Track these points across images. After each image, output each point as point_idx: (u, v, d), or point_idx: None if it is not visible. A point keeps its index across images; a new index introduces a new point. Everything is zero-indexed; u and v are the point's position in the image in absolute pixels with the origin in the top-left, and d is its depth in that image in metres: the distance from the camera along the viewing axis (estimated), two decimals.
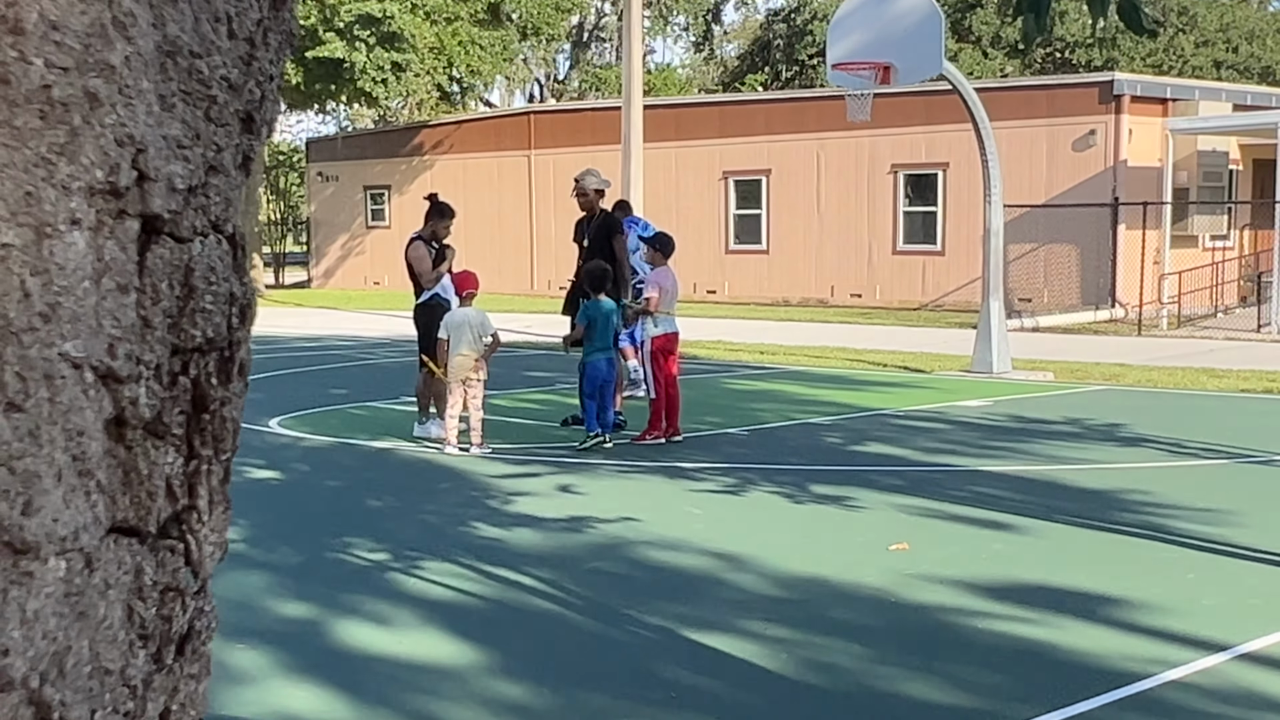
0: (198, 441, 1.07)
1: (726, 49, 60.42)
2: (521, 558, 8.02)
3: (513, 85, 53.76)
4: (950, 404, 14.97)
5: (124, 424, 1.00)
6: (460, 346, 11.81)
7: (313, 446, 12.30)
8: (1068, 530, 8.72)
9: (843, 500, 9.64)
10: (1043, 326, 24.99)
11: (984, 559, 7.96)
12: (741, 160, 32.69)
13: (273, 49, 1.09)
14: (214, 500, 1.10)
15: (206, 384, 1.06)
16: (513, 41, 41.28)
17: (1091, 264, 27.33)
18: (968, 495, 9.82)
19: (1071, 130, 27.74)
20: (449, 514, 9.32)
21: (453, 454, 11.73)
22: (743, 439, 12.73)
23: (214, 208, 1.04)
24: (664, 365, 12.42)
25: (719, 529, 8.77)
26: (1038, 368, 18.28)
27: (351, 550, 8.22)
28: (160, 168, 0.97)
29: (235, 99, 1.05)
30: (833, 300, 31.27)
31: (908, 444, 12.23)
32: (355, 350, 21.79)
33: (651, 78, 49.72)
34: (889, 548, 8.19)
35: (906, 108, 28.51)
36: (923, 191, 30.26)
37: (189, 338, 1.03)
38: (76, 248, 0.92)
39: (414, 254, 12.78)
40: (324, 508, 9.63)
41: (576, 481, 10.47)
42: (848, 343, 22.11)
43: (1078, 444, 12.19)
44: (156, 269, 1.00)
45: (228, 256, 1.06)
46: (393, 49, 36.82)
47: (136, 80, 0.94)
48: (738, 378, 17.82)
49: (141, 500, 1.03)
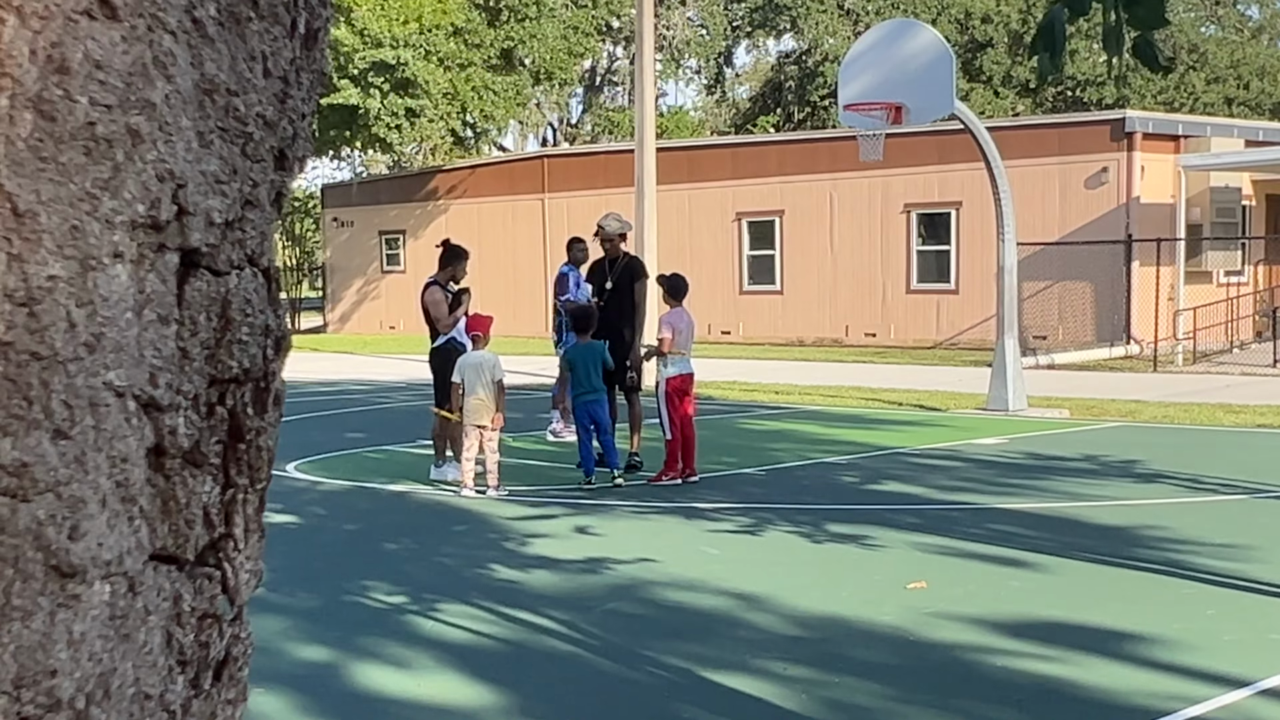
0: (234, 470, 1.10)
1: (738, 91, 60.67)
2: (539, 599, 8.01)
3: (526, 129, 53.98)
4: (966, 442, 14.95)
5: (163, 453, 1.02)
6: (475, 389, 11.84)
7: (330, 490, 12.32)
8: (1086, 567, 8.69)
9: (860, 539, 9.62)
10: (1058, 364, 24.97)
11: (1002, 596, 7.94)
12: (755, 201, 32.77)
13: (305, 88, 1.12)
14: (249, 528, 1.13)
15: (243, 414, 1.08)
16: (526, 86, 41.52)
17: (1106, 301, 27.32)
18: (985, 533, 9.80)
19: (1084, 168, 27.78)
20: (466, 556, 9.32)
21: (469, 496, 11.74)
22: (759, 479, 12.72)
23: (250, 242, 1.07)
24: (679, 406, 12.43)
25: (736, 569, 8.76)
26: (1053, 405, 18.25)
27: (369, 593, 8.22)
28: (199, 202, 1.00)
29: (270, 136, 1.08)
30: (847, 340, 31.28)
31: (924, 482, 12.21)
32: (371, 394, 21.83)
33: (664, 120, 49.93)
34: (907, 586, 8.17)
35: (919, 147, 28.59)
36: (936, 230, 30.30)
37: (226, 368, 1.06)
38: (119, 280, 0.94)
39: (430, 298, 12.86)
40: (342, 551, 9.64)
41: (593, 523, 10.47)
42: (863, 382, 22.10)
43: (1095, 481, 12.16)
44: (195, 301, 1.02)
45: (263, 289, 1.09)
46: (407, 95, 37.07)
47: (176, 117, 0.97)
48: (753, 418, 17.82)
49: (180, 528, 1.05)
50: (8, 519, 0.87)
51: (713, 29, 53.26)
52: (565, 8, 42.15)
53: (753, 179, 32.78)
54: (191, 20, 0.98)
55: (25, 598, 0.88)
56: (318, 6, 1.15)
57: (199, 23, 0.99)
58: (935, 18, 46.54)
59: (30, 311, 0.88)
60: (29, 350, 0.88)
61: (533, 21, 40.27)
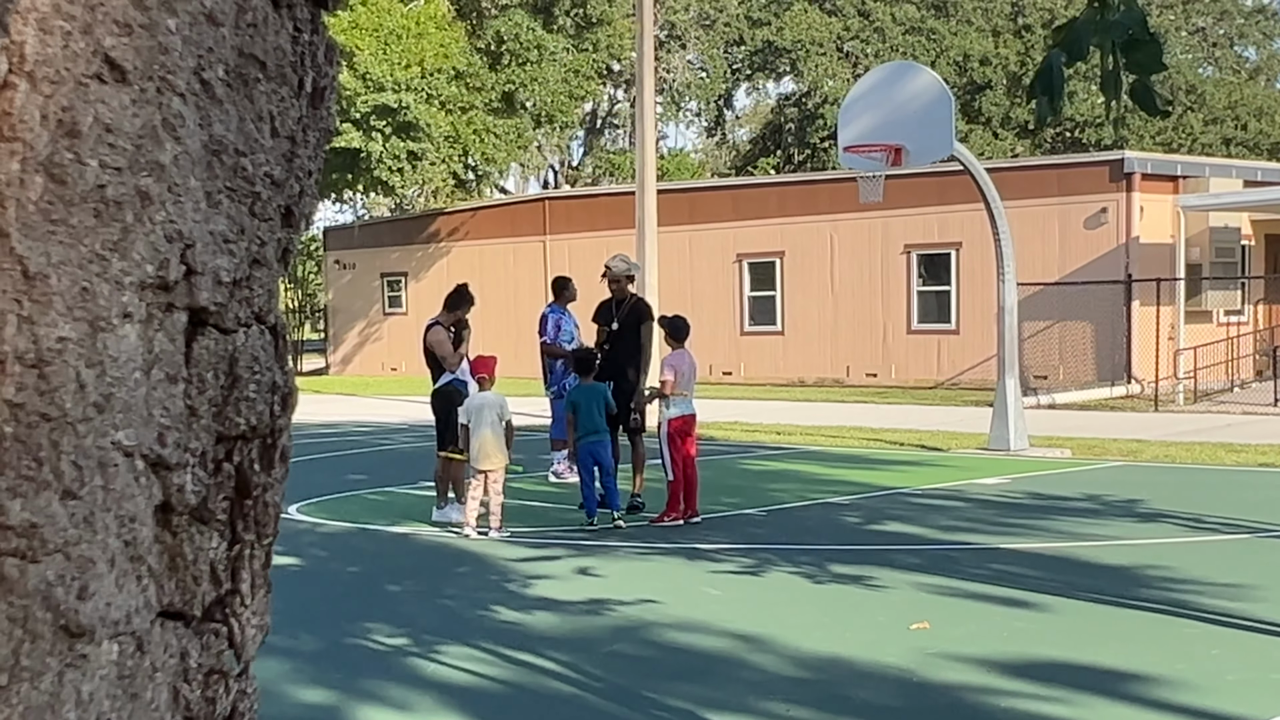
0: (240, 526, 1.10)
1: (739, 133, 60.91)
2: (541, 641, 7.99)
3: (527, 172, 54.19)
4: (968, 482, 14.93)
5: (171, 510, 1.03)
6: (482, 429, 11.84)
7: (331, 532, 12.30)
8: (1089, 607, 8.66)
9: (862, 580, 9.60)
10: (1059, 403, 24.96)
11: (1005, 637, 7.92)
12: (755, 242, 32.84)
13: (312, 145, 1.13)
14: (256, 584, 1.13)
15: (250, 470, 1.09)
16: (527, 129, 41.67)
17: (1106, 340, 27.33)
18: (987, 573, 9.77)
19: (1083, 209, 27.85)
20: (468, 598, 9.30)
21: (471, 538, 11.72)
22: (761, 519, 12.69)
23: (257, 299, 1.07)
24: (681, 447, 12.43)
25: (739, 610, 8.73)
26: (1055, 444, 18.23)
27: (371, 635, 8.20)
28: (207, 262, 1.01)
29: (277, 194, 1.08)
30: (848, 380, 31.28)
31: (926, 522, 12.19)
32: (373, 436, 21.82)
33: (664, 162, 50.11)
34: (910, 627, 8.15)
35: (919, 189, 28.68)
36: (936, 271, 30.35)
37: (233, 425, 1.06)
38: (128, 340, 0.95)
39: (434, 338, 12.90)
40: (343, 593, 9.62)
41: (595, 564, 10.44)
42: (864, 422, 22.09)
43: (1097, 520, 12.13)
44: (203, 359, 1.03)
45: (270, 346, 1.10)
46: (408, 138, 37.21)
47: (185, 179, 0.98)
48: (755, 458, 17.80)
49: (187, 585, 1.05)
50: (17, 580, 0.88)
51: (713, 72, 53.51)
52: (566, 51, 42.35)
53: (753, 220, 32.86)
54: (200, 82, 0.99)
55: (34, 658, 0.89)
56: (324, 65, 1.16)
57: (207, 85, 1.00)
58: (934, 60, 46.76)
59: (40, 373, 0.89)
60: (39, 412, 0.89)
61: (534, 65, 40.46)
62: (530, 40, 40.38)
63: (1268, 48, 54.51)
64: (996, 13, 49.81)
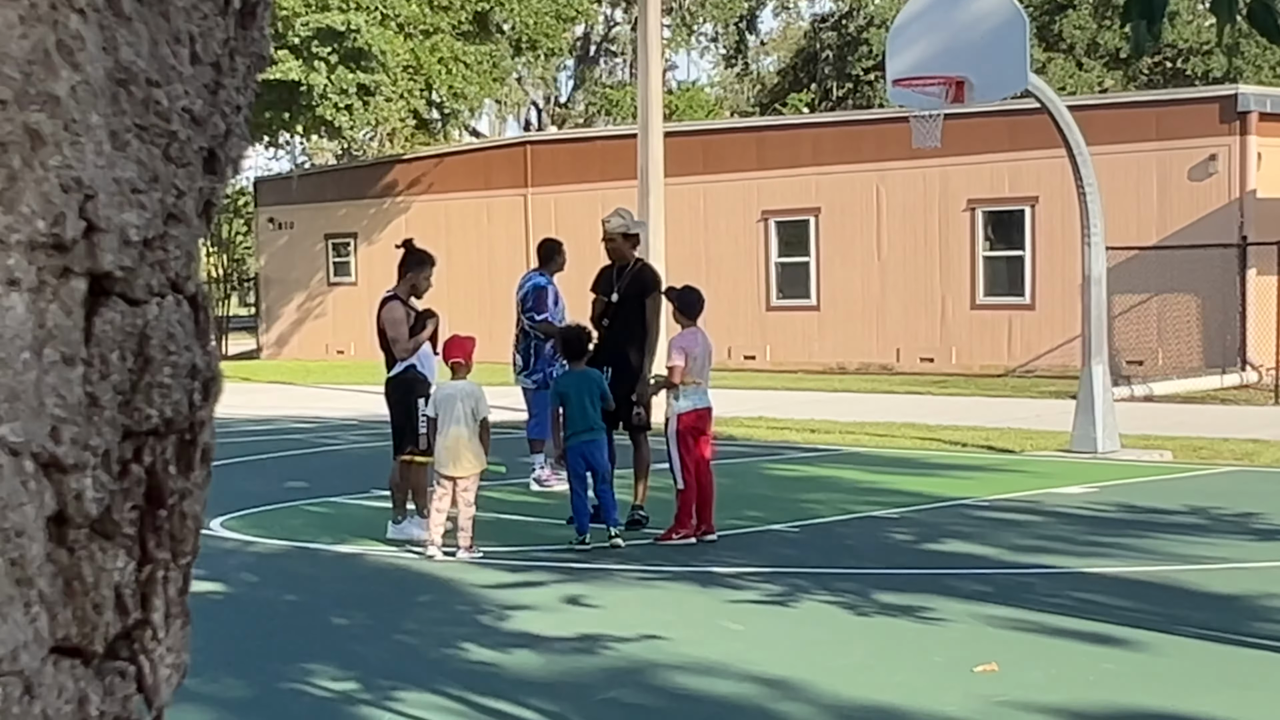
0: (152, 543, 1.10)
1: (764, 63, 60.85)
2: (521, 686, 8.00)
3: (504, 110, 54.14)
4: (1045, 491, 14.93)
5: (66, 522, 1.03)
6: (451, 426, 11.82)
7: (264, 552, 12.30)
8: (1195, 645, 8.67)
9: (915, 611, 9.61)
10: (1157, 395, 24.96)
11: (1091, 681, 7.92)
12: (785, 197, 32.82)
13: (241, 75, 1.13)
14: (171, 613, 1.13)
15: (163, 473, 1.09)
16: (504, 58, 41.60)
17: (1215, 318, 27.32)
18: (1069, 603, 9.78)
19: (1187, 155, 27.82)
20: (431, 633, 9.31)
21: (436, 559, 11.73)
22: (791, 537, 12.70)
23: (173, 263, 1.07)
24: (694, 448, 12.42)
25: (763, 648, 8.74)
26: (1152, 445, 18.23)
27: (311, 679, 8.21)
28: (112, 217, 1.00)
29: (199, 134, 1.08)
30: (899, 366, 31.29)
31: (994, 541, 12.19)
32: (316, 434, 21.83)
33: (673, 98, 50.08)
34: (974, 669, 8.16)
35: (985, 131, 28.64)
36: (1007, 232, 30.31)
37: (144, 418, 1.06)
38: (15, 313, 0.95)
39: (390, 316, 12.82)
40: (278, 626, 9.63)
41: (588, 591, 10.46)
42: (918, 417, 22.10)
43: (1204, 538, 12.14)
44: (106, 337, 1.03)
45: (189, 321, 1.09)
46: (359, 69, 37.16)
47: (85, 114, 0.98)
48: (783, 462, 17.80)
49: (86, 614, 1.05)
50: None
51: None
52: None
53: (782, 170, 32.83)
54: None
55: None
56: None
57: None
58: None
59: None
60: None
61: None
62: None
63: None
64: None
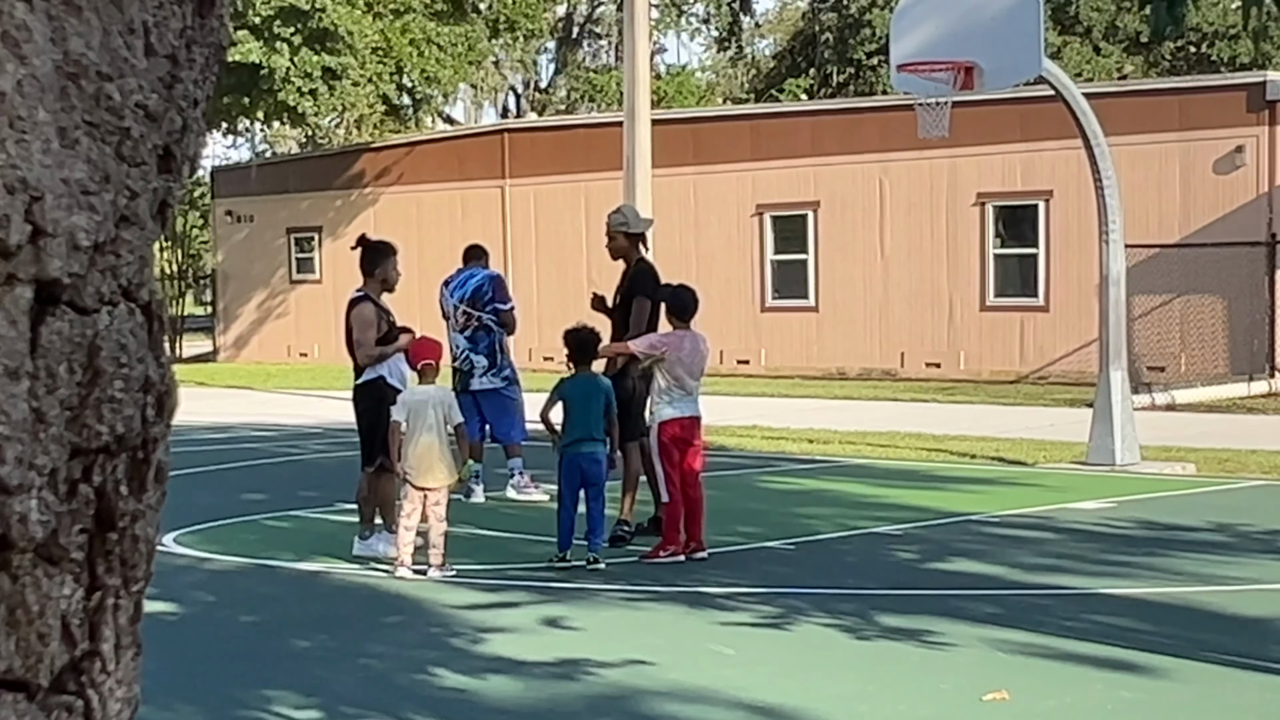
0: (102, 568, 1.10)
1: (760, 46, 60.90)
2: (497, 715, 7.99)
3: (481, 95, 54.14)
4: (1060, 506, 14.95)
5: (10, 547, 1.03)
6: (423, 434, 11.81)
7: (220, 569, 12.29)
8: (1219, 671, 8.68)
9: (920, 635, 9.61)
10: (1180, 403, 25.00)
11: (1109, 710, 7.94)
12: (781, 190, 32.84)
13: (199, 67, 1.13)
14: (122, 643, 1.13)
15: (114, 494, 1.09)
16: (481, 40, 41.59)
17: (1242, 321, 27.36)
18: (1085, 626, 9.79)
19: (1212, 147, 27.86)
20: (400, 657, 9.30)
21: (405, 578, 11.72)
22: (787, 555, 12.70)
23: (125, 269, 1.07)
24: (680, 459, 12.42)
25: (757, 674, 8.74)
26: (1174, 458, 18.26)
27: (271, 706, 8.20)
28: (60, 220, 1.01)
29: (153, 131, 1.08)
30: (903, 371, 31.31)
31: (1005, 559, 12.20)
32: (276, 443, 21.80)
33: (662, 84, 50.11)
34: (983, 698, 8.17)
35: (996, 120, 28.68)
36: (1019, 228, 30.34)
37: (93, 435, 1.06)
38: None
39: (360, 317, 12.78)
40: (235, 650, 9.61)
41: (569, 613, 10.45)
42: (923, 427, 22.11)
43: (1229, 557, 12.16)
44: (54, 348, 1.03)
45: (142, 331, 1.10)
46: (324, 50, 37.12)
47: (31, 110, 0.98)
48: (779, 474, 17.80)
49: (31, 645, 1.05)
50: None
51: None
52: None
53: (778, 161, 32.84)
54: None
55: None
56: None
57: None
58: None
59: None
60: None
61: None
62: None
63: None
64: None
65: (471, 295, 15.83)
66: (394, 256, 13.10)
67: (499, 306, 15.68)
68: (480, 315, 15.69)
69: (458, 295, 15.96)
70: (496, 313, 15.66)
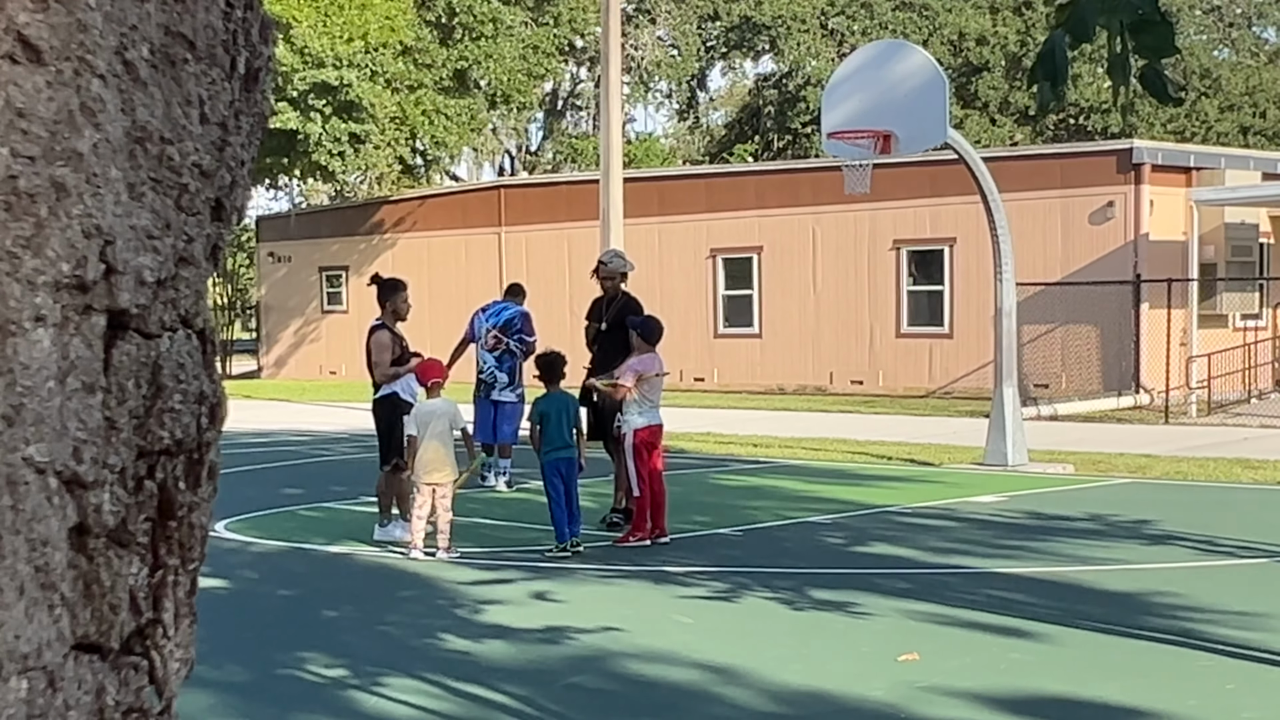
0: (163, 550, 1.10)
1: (713, 117, 60.97)
2: (493, 672, 7.98)
3: (481, 157, 54.10)
4: (961, 500, 14.98)
5: (86, 532, 1.03)
6: (430, 440, 11.82)
7: (263, 552, 12.25)
8: (1092, 637, 8.71)
9: (845, 606, 9.62)
10: (1061, 414, 25.08)
11: (1002, 669, 7.95)
12: (731, 236, 32.88)
13: (245, 132, 1.13)
14: (180, 613, 1.13)
15: (174, 488, 1.09)
16: (481, 110, 41.61)
17: (1113, 346, 27.47)
18: (982, 599, 9.81)
19: (1088, 202, 27.99)
20: (413, 625, 9.28)
21: (418, 559, 11.70)
22: (735, 540, 12.71)
23: (184, 301, 1.07)
24: (648, 460, 12.43)
25: (710, 639, 8.74)
26: (1056, 459, 18.32)
27: (305, 666, 8.17)
28: (129, 260, 1.01)
29: (207, 186, 1.08)
30: (832, 387, 31.35)
31: (915, 544, 12.23)
32: (310, 446, 21.75)
33: (632, 148, 50.13)
34: (897, 658, 8.17)
35: (909, 179, 28.77)
36: (928, 269, 30.44)
37: (156, 439, 1.06)
38: (41, 346, 0.95)
39: (377, 342, 12.87)
40: (275, 619, 9.58)
41: (553, 588, 10.44)
42: (849, 434, 22.14)
43: (1101, 542, 12.20)
44: (123, 367, 1.03)
45: (197, 352, 1.10)
46: (350, 119, 37.11)
47: (105, 168, 0.98)
48: (729, 473, 17.81)
49: (104, 614, 1.05)
50: None
51: (685, 49, 53.56)
52: (524, 25, 42.34)
53: (729, 212, 32.90)
54: (123, 63, 0.99)
55: None
56: (259, 44, 1.16)
57: (130, 66, 1.00)
58: (926, 39, 46.95)
59: None
60: None
61: (489, 40, 40.42)
62: (485, 13, 40.34)
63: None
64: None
65: (504, 324, 16.22)
66: (403, 291, 13.11)
67: (524, 338, 16.05)
68: (508, 341, 15.95)
69: (491, 320, 16.29)
70: (522, 342, 15.96)
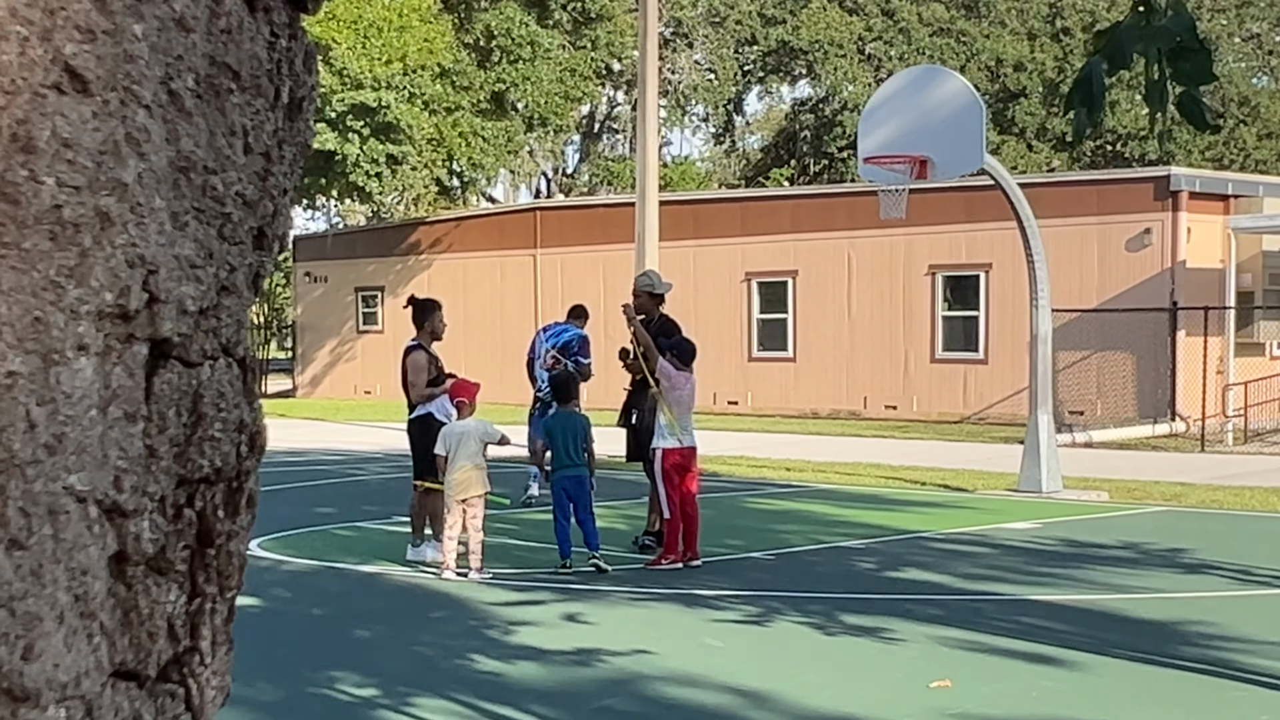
0: (201, 578, 1.10)
1: (749, 141, 61.01)
2: (524, 694, 7.97)
3: (518, 179, 54.25)
4: (995, 526, 14.91)
5: (126, 560, 1.03)
6: (461, 460, 11.82)
7: (296, 571, 12.27)
8: (1126, 666, 8.65)
9: (878, 632, 9.58)
10: (1096, 442, 24.95)
11: (1034, 697, 7.90)
12: (766, 260, 32.86)
13: (288, 161, 1.13)
14: (217, 641, 1.13)
15: (213, 517, 1.09)
16: (518, 133, 41.72)
17: (1149, 374, 27.33)
18: (1015, 627, 9.76)
19: (1125, 229, 27.87)
20: (445, 645, 9.28)
21: (450, 579, 11.70)
22: (767, 564, 12.68)
23: (225, 330, 1.08)
24: (680, 483, 12.41)
25: (741, 663, 8.72)
26: (1091, 487, 18.22)
27: (337, 685, 8.18)
28: (171, 289, 1.01)
29: (249, 215, 1.09)
30: (866, 412, 31.27)
31: (949, 570, 12.17)
32: (344, 465, 21.79)
33: (668, 171, 50.18)
34: (930, 685, 8.13)
35: (945, 205, 28.71)
36: (963, 294, 30.36)
37: (196, 468, 1.06)
38: (84, 375, 0.95)
39: (413, 363, 12.89)
40: (307, 638, 9.59)
41: (584, 610, 10.43)
42: (882, 459, 22.08)
43: (1136, 571, 12.12)
44: (164, 395, 1.03)
45: (238, 381, 1.10)
46: (388, 141, 37.24)
47: (149, 198, 0.98)
48: (762, 497, 17.77)
49: (141, 641, 1.05)
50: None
51: (722, 74, 53.61)
52: (562, 49, 42.45)
53: (764, 236, 32.88)
54: (168, 94, 0.99)
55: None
56: (302, 73, 1.17)
57: (175, 96, 1.00)
58: (964, 65, 46.88)
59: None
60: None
61: (526, 63, 40.54)
62: (523, 36, 40.48)
63: None
64: (1032, 14, 49.93)
65: (563, 345, 16.34)
66: (439, 311, 13.18)
67: (580, 360, 16.16)
68: (566, 363, 16.02)
69: (551, 341, 16.44)
70: (578, 364, 16.03)
